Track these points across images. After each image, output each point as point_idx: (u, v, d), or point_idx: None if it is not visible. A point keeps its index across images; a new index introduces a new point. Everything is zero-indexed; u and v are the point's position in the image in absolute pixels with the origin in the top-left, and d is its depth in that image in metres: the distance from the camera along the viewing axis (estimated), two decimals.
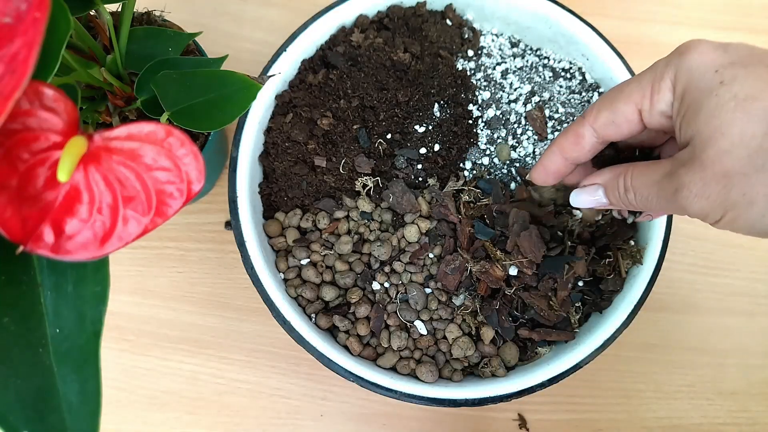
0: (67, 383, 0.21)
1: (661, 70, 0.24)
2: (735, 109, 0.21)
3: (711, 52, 0.23)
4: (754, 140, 0.20)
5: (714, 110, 0.21)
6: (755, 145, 0.20)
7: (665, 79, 0.24)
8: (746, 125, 0.21)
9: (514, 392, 0.34)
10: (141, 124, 0.21)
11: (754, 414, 0.43)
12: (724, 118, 0.21)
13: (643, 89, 0.25)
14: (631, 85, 0.25)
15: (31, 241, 0.20)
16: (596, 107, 0.27)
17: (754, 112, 0.21)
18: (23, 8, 0.18)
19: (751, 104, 0.21)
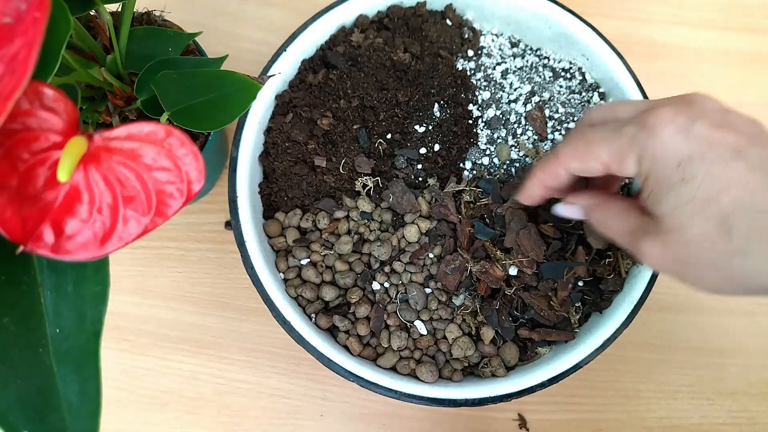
0: (67, 383, 0.21)
1: (626, 146, 0.26)
2: (694, 211, 0.24)
3: (674, 140, 0.24)
4: (708, 239, 0.24)
5: (676, 207, 0.24)
6: (709, 244, 0.24)
7: (630, 155, 0.26)
8: (703, 226, 0.24)
9: (514, 392, 0.34)
10: (141, 124, 0.21)
11: (754, 414, 0.43)
12: (684, 216, 0.24)
13: (611, 156, 0.26)
14: (601, 147, 0.27)
15: (31, 241, 0.20)
16: (569, 153, 0.28)
17: (710, 216, 0.23)
18: (23, 8, 0.18)
19: (708, 207, 0.23)
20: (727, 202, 0.23)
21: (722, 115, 0.25)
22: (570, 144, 0.28)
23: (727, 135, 0.24)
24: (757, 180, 0.23)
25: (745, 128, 0.25)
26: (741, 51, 0.53)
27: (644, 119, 0.25)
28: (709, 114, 0.25)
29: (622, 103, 0.29)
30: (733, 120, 0.25)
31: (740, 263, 0.23)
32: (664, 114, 0.25)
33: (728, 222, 0.23)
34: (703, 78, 0.52)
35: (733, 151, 0.24)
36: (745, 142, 0.24)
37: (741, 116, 0.26)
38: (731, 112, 0.26)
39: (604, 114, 0.29)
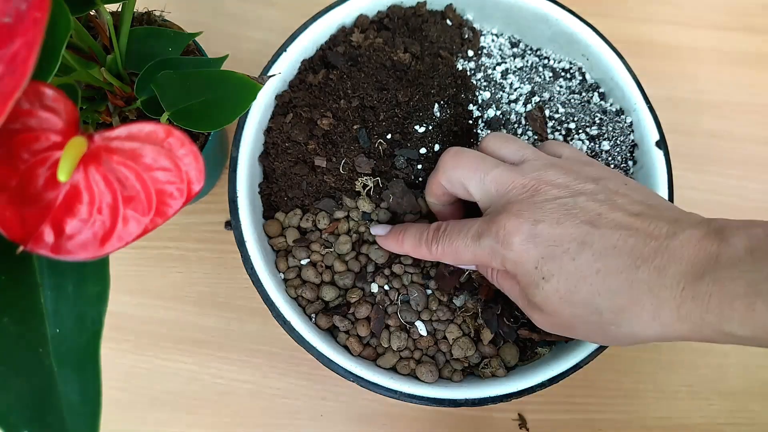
0: (67, 383, 0.21)
1: (489, 257, 0.29)
2: (561, 301, 0.27)
3: (525, 248, 0.27)
4: (582, 319, 0.27)
5: (545, 299, 0.28)
6: (584, 322, 0.27)
7: (494, 262, 0.29)
8: (573, 311, 0.27)
9: (514, 392, 0.34)
10: (141, 124, 0.21)
11: (754, 414, 0.43)
12: (555, 305, 0.27)
13: (477, 261, 0.30)
14: (467, 254, 0.30)
15: (31, 241, 0.20)
16: (440, 251, 0.31)
17: (577, 303, 0.27)
18: (23, 8, 0.18)
19: (572, 297, 0.27)
20: (586, 291, 0.26)
21: (564, 197, 0.28)
22: (441, 244, 0.31)
23: (569, 229, 0.27)
24: (605, 265, 0.26)
25: (588, 203, 0.27)
26: (741, 51, 0.53)
27: (496, 230, 0.28)
28: (550, 204, 0.28)
29: (509, 140, 0.33)
30: (575, 196, 0.28)
31: (615, 330, 0.26)
32: (510, 225, 0.28)
33: (593, 305, 0.26)
34: (703, 78, 0.52)
35: (578, 243, 0.26)
36: (587, 229, 0.26)
37: (578, 176, 0.29)
38: (570, 177, 0.29)
39: (494, 147, 0.33)
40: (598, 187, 0.28)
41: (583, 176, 0.29)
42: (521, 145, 0.32)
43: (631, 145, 0.41)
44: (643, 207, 0.27)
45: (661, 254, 0.25)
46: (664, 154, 0.39)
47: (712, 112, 0.51)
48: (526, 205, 0.28)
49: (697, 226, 0.26)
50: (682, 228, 0.26)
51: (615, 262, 0.26)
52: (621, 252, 0.26)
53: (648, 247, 0.25)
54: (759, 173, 0.49)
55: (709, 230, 0.25)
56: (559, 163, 0.30)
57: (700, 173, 0.49)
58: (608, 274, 0.26)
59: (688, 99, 0.51)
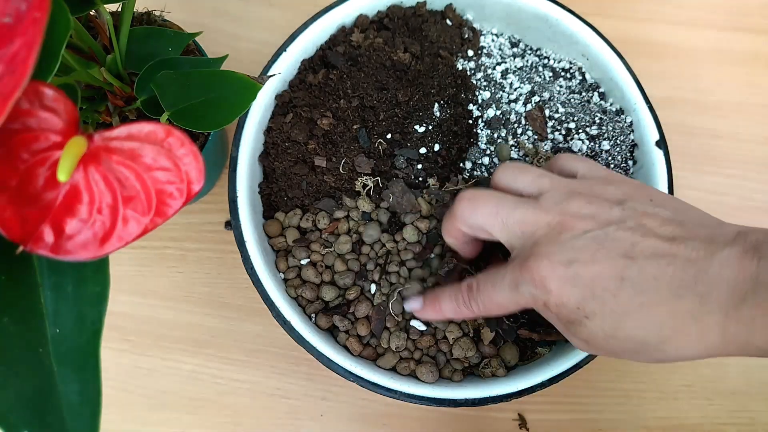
0: (67, 383, 0.21)
1: (529, 302, 0.29)
2: (606, 338, 0.27)
3: (564, 291, 0.27)
4: (628, 350, 0.27)
5: (590, 337, 0.27)
6: (630, 352, 0.27)
7: (538, 306, 0.29)
8: (620, 345, 0.27)
9: (514, 392, 0.34)
10: (141, 124, 0.21)
11: (754, 414, 0.43)
12: (601, 343, 0.27)
13: (521, 305, 0.29)
14: (505, 303, 0.30)
15: (31, 241, 0.20)
16: (475, 303, 0.31)
17: (622, 338, 0.27)
18: (23, 8, 0.18)
19: (617, 333, 0.26)
20: (630, 326, 0.26)
21: (593, 229, 0.27)
22: (481, 302, 0.30)
23: (605, 265, 0.26)
24: (648, 299, 0.26)
25: (620, 233, 0.27)
26: (741, 51, 0.53)
27: (531, 277, 0.28)
28: (580, 240, 0.27)
29: (522, 171, 0.31)
30: (605, 227, 0.27)
31: (661, 356, 0.27)
32: (544, 270, 0.27)
33: (639, 338, 0.26)
34: (703, 78, 0.52)
35: (617, 280, 0.26)
36: (624, 263, 0.26)
37: (602, 202, 0.28)
38: (595, 206, 0.28)
39: (508, 181, 0.32)
40: (626, 212, 0.27)
41: (608, 200, 0.28)
42: (536, 173, 0.31)
43: (631, 144, 0.41)
44: (675, 227, 0.27)
45: (701, 280, 0.25)
46: (664, 153, 0.39)
47: (712, 112, 0.51)
48: (556, 246, 0.27)
49: (734, 243, 0.25)
50: (720, 248, 0.25)
51: (657, 294, 0.25)
52: (661, 283, 0.25)
53: (688, 275, 0.25)
54: (759, 173, 0.49)
55: (747, 248, 0.25)
56: (579, 189, 0.29)
57: (700, 173, 0.49)
58: (652, 307, 0.25)
59: (688, 99, 0.51)
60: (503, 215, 0.29)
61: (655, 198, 0.29)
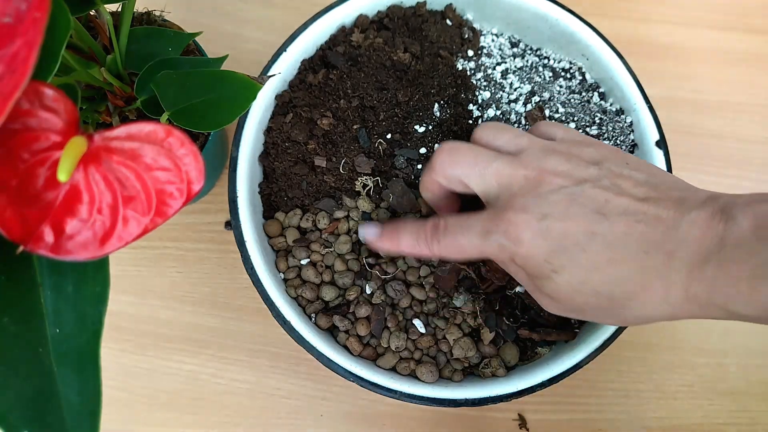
0: (67, 383, 0.21)
1: (498, 252, 0.29)
2: (573, 291, 0.27)
3: (535, 243, 0.27)
4: (594, 305, 0.27)
5: (556, 290, 0.28)
6: (595, 308, 0.28)
7: (503, 257, 0.29)
8: (586, 299, 0.27)
9: (514, 392, 0.34)
10: (141, 124, 0.21)
11: (754, 414, 0.43)
12: (567, 295, 0.28)
13: (483, 255, 0.30)
14: (473, 252, 0.30)
15: (31, 241, 0.20)
16: (443, 251, 0.31)
17: (588, 292, 0.27)
18: (23, 8, 0.18)
19: (584, 287, 0.27)
20: (597, 280, 0.26)
21: (569, 186, 0.28)
22: (444, 242, 0.30)
23: (578, 219, 0.27)
24: (616, 254, 0.26)
25: (594, 190, 0.27)
26: (741, 51, 0.53)
27: (505, 228, 0.28)
28: (555, 195, 0.27)
29: (502, 129, 0.32)
30: (580, 184, 0.28)
31: (626, 312, 0.27)
32: (519, 221, 0.27)
33: (605, 293, 0.27)
34: (703, 78, 0.52)
35: (587, 234, 0.26)
36: (596, 218, 0.26)
37: (579, 161, 0.29)
38: (572, 164, 0.28)
39: (488, 138, 0.32)
40: (602, 172, 0.28)
41: (585, 160, 0.29)
42: (516, 133, 0.31)
43: (631, 144, 0.41)
44: (648, 189, 0.27)
45: (669, 239, 0.25)
46: (664, 153, 0.39)
47: (712, 112, 0.51)
48: (532, 199, 0.28)
49: (703, 205, 0.26)
50: (689, 209, 0.26)
51: (625, 250, 0.26)
52: (630, 239, 0.26)
53: (656, 232, 0.26)
54: (759, 173, 0.49)
55: (715, 210, 0.25)
56: (557, 148, 0.30)
57: (700, 173, 0.49)
58: (619, 263, 0.26)
59: (688, 99, 0.51)
60: (481, 166, 0.30)
61: (631, 162, 0.29)
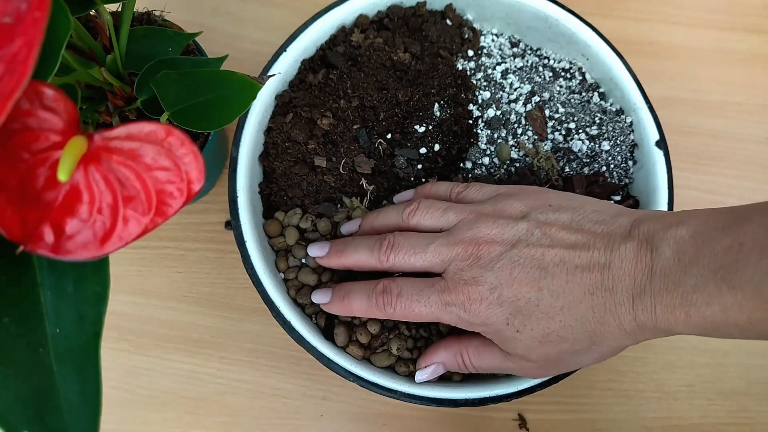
0: (67, 383, 0.21)
1: (457, 322, 0.30)
2: (541, 344, 0.29)
3: (491, 312, 0.29)
4: (564, 352, 0.29)
5: (527, 348, 0.30)
6: (567, 353, 0.30)
7: (461, 326, 0.31)
8: (558, 348, 0.29)
9: (514, 392, 0.34)
10: (141, 124, 0.21)
11: (754, 414, 0.43)
12: (539, 350, 0.29)
13: (440, 320, 0.31)
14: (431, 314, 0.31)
15: (31, 241, 0.20)
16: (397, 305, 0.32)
17: (554, 340, 0.29)
18: (23, 8, 0.18)
19: (548, 337, 0.29)
20: (558, 326, 0.28)
21: (506, 251, 0.29)
22: (399, 309, 0.31)
23: (524, 281, 0.29)
24: (566, 301, 0.28)
25: (529, 250, 0.29)
26: (741, 51, 0.53)
27: (461, 301, 0.30)
28: (497, 263, 0.29)
29: (427, 211, 0.33)
30: (516, 247, 0.29)
31: (597, 349, 0.29)
32: (473, 295, 0.29)
33: (569, 336, 0.29)
34: (703, 78, 0.52)
35: (536, 290, 0.28)
36: (539, 274, 0.28)
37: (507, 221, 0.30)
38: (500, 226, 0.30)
39: (416, 222, 0.33)
40: (530, 224, 0.30)
41: (512, 216, 0.31)
42: (440, 207, 0.32)
43: (631, 144, 0.41)
44: (575, 234, 0.29)
45: (606, 277, 0.28)
46: (664, 154, 0.39)
47: (712, 112, 0.51)
48: (479, 271, 0.29)
49: (629, 238, 0.28)
50: (618, 244, 0.28)
51: (572, 295, 0.28)
52: (573, 285, 0.28)
53: (594, 274, 0.28)
54: (759, 173, 0.49)
55: (640, 240, 0.27)
56: (484, 210, 0.31)
57: (700, 173, 0.49)
58: (571, 308, 0.28)
59: (688, 99, 0.51)
60: (420, 252, 0.31)
61: (554, 202, 0.31)
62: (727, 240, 0.25)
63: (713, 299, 0.24)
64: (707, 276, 0.25)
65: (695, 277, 0.25)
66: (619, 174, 0.40)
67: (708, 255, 0.25)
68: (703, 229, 0.26)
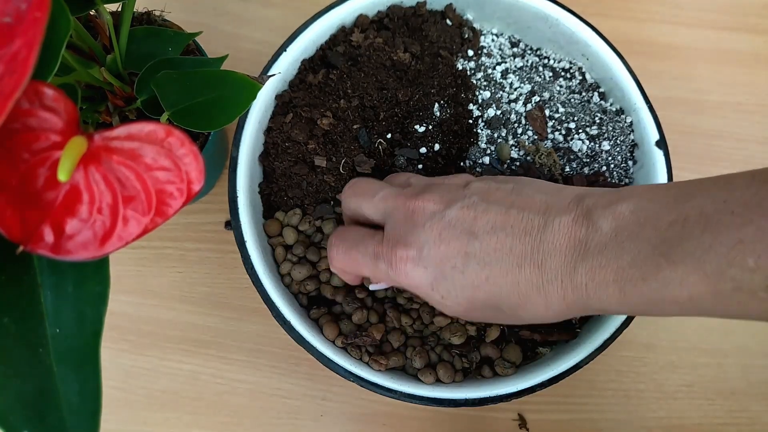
0: (67, 383, 0.21)
1: (386, 277, 0.30)
2: (465, 310, 0.28)
3: (417, 273, 0.28)
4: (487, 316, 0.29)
5: (451, 310, 0.29)
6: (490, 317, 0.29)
7: (392, 284, 0.31)
8: (482, 314, 0.29)
9: (514, 392, 0.34)
10: (141, 124, 0.21)
11: (754, 414, 0.43)
12: (462, 313, 0.29)
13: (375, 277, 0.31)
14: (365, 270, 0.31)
15: (31, 241, 0.20)
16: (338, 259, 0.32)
17: (478, 307, 0.28)
18: (23, 8, 0.18)
19: (472, 304, 0.28)
20: (482, 297, 0.27)
21: (440, 211, 0.28)
22: (341, 251, 0.31)
23: (451, 243, 0.27)
24: (491, 271, 0.27)
25: (463, 211, 0.28)
26: (741, 51, 0.53)
27: (389, 258, 0.29)
28: (430, 222, 0.28)
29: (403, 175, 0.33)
30: (450, 207, 0.28)
31: (522, 316, 0.28)
32: (400, 253, 0.28)
33: (493, 306, 0.28)
34: (703, 78, 0.52)
35: (462, 256, 0.27)
36: (467, 240, 0.27)
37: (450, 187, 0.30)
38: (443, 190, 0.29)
39: (390, 180, 0.33)
40: (469, 190, 0.29)
41: (456, 184, 0.30)
42: (412, 175, 0.33)
43: (631, 144, 0.41)
44: (515, 198, 0.28)
45: (537, 250, 0.26)
46: (664, 153, 0.39)
47: (712, 112, 0.51)
48: (410, 229, 0.28)
49: (567, 211, 0.26)
50: (553, 216, 0.26)
51: (499, 267, 0.26)
52: (502, 255, 0.26)
53: (525, 245, 0.26)
54: None
55: (578, 214, 0.26)
56: (439, 181, 0.31)
57: (700, 173, 0.49)
58: (497, 278, 0.27)
59: (688, 99, 0.51)
60: (371, 194, 0.31)
61: (500, 178, 0.30)
62: (672, 215, 0.23)
63: (650, 275, 0.23)
64: (646, 251, 0.23)
65: (633, 253, 0.23)
66: (619, 174, 0.40)
67: (650, 230, 0.23)
68: (646, 205, 0.24)
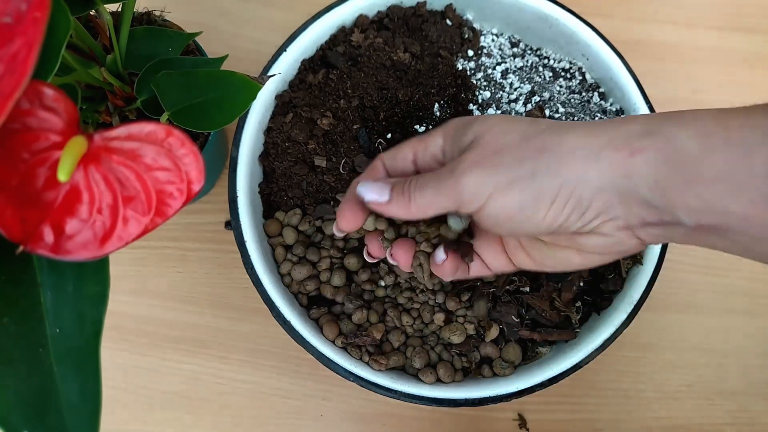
0: (67, 383, 0.21)
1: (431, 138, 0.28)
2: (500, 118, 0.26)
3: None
4: (517, 136, 0.25)
5: (483, 122, 0.26)
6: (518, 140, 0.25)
7: (435, 135, 0.28)
8: (510, 125, 0.26)
9: (514, 392, 0.34)
10: (141, 124, 0.21)
11: (754, 414, 0.43)
12: (493, 122, 0.26)
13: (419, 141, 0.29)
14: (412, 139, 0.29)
15: (31, 241, 0.20)
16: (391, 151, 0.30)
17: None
18: (23, 8, 0.18)
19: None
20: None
21: None
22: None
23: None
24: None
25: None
26: (741, 51, 0.53)
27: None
28: None
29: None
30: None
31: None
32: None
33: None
34: (703, 78, 0.52)
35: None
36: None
37: None
38: None
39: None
40: None
41: None
42: None
43: None
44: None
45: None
46: None
47: None
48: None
49: None
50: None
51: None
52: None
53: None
54: None
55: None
56: None
57: None
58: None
59: (688, 99, 0.51)
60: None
61: None
62: None
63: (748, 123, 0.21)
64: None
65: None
66: None
67: None
68: None
